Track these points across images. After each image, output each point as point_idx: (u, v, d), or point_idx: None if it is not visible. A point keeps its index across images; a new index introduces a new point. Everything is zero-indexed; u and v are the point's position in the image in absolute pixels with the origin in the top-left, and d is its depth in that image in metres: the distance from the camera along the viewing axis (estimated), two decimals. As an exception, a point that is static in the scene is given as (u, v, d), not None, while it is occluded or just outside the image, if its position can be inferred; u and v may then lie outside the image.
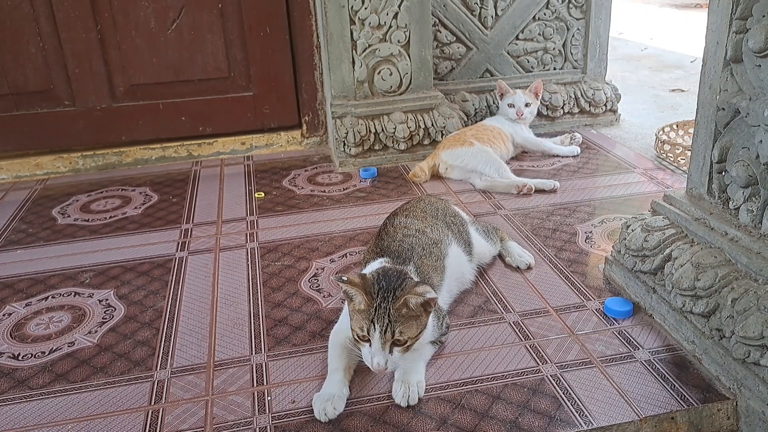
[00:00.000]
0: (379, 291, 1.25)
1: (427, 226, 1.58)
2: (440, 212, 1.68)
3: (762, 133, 1.20)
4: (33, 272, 1.85)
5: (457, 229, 1.66)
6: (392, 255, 1.47)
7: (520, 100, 2.58)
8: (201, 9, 2.54)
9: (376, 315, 1.23)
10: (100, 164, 2.65)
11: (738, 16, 1.24)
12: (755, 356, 1.16)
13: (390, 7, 2.40)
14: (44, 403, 1.32)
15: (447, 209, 1.72)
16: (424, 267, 1.46)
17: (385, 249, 1.51)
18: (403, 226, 1.57)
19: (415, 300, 1.23)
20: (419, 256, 1.47)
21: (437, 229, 1.60)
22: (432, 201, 1.73)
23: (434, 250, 1.52)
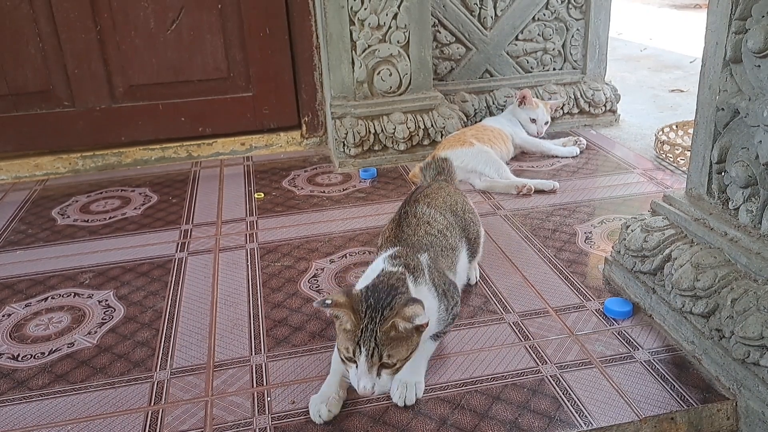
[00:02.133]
0: (367, 310, 1.18)
1: (447, 227, 1.52)
2: (459, 209, 1.61)
3: (761, 133, 1.20)
4: (32, 273, 1.85)
5: (470, 234, 1.61)
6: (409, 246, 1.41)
7: (544, 118, 2.61)
8: (200, 9, 2.54)
9: (362, 337, 1.16)
10: (99, 165, 2.65)
11: (737, 16, 1.24)
12: (755, 356, 1.16)
13: (389, 8, 2.40)
14: (44, 403, 1.32)
15: (466, 206, 1.65)
16: (438, 261, 1.41)
17: (403, 240, 1.44)
18: (425, 221, 1.49)
19: (404, 324, 1.16)
20: (434, 254, 1.42)
21: (455, 232, 1.54)
22: (453, 194, 1.65)
23: (449, 254, 1.48)
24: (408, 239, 1.42)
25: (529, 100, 2.58)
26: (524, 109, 2.59)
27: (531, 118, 2.59)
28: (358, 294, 1.21)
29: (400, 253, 1.34)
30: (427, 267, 1.35)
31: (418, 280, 1.30)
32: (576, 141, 2.61)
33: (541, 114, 2.59)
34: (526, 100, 2.58)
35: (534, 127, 2.59)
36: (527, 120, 2.59)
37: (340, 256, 1.85)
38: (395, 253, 1.34)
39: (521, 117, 2.59)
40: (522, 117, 2.59)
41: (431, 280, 1.33)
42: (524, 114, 2.59)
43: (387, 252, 1.37)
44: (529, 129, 2.59)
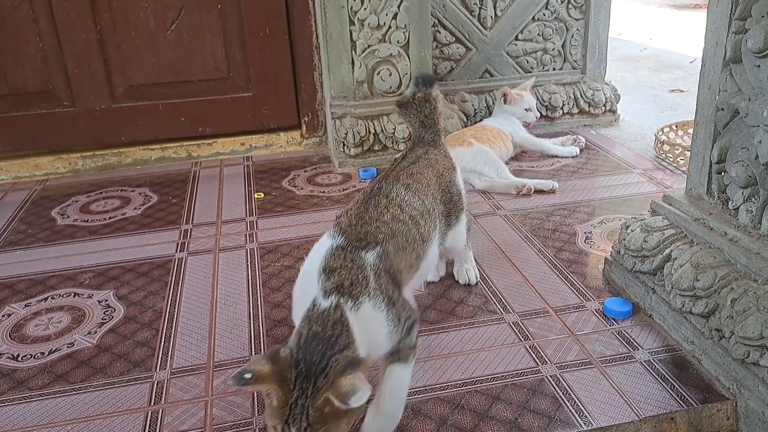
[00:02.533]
0: (297, 379, 0.96)
1: (423, 214, 1.31)
2: (445, 190, 1.45)
3: (761, 133, 1.20)
4: (32, 273, 1.85)
5: (449, 220, 1.46)
6: (364, 233, 1.18)
7: (533, 102, 2.62)
8: (200, 9, 2.54)
9: (291, 415, 0.95)
10: (99, 165, 2.65)
11: (737, 16, 1.24)
12: (755, 356, 1.16)
13: (389, 8, 2.40)
14: (44, 403, 1.32)
15: (453, 187, 1.49)
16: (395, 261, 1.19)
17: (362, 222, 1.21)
18: (397, 203, 1.27)
19: (339, 403, 0.93)
20: (395, 247, 1.20)
21: (432, 219, 1.34)
22: (441, 172, 1.47)
23: (417, 248, 1.27)
24: (368, 223, 1.20)
25: (511, 95, 2.59)
26: (513, 104, 2.60)
27: (525, 108, 2.60)
28: (286, 358, 0.99)
29: (338, 263, 1.11)
30: (374, 272, 1.12)
31: (360, 300, 1.07)
32: (575, 140, 2.61)
33: (529, 99, 2.62)
34: (508, 96, 2.59)
35: (532, 114, 2.61)
36: (523, 113, 2.60)
37: (340, 256, 1.85)
38: (331, 263, 1.11)
39: (516, 112, 2.60)
40: (517, 112, 2.59)
41: (375, 291, 1.10)
42: (517, 108, 2.59)
43: (331, 242, 1.16)
44: (527, 118, 2.60)
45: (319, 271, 1.11)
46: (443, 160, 1.52)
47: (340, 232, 1.19)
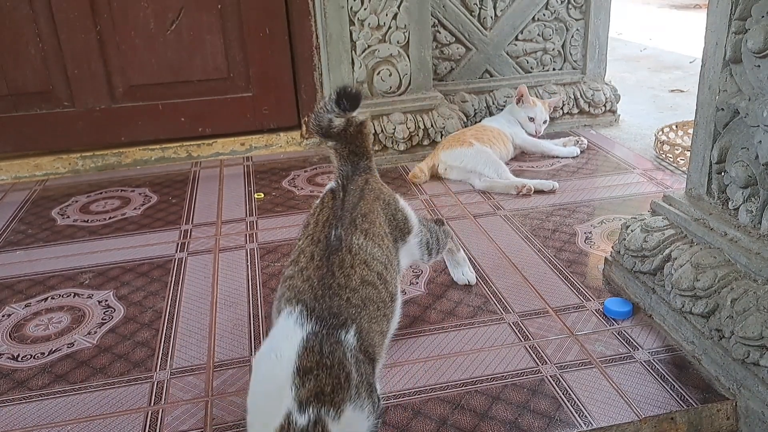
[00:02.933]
0: None
1: (387, 264, 1.16)
2: (392, 219, 1.32)
3: (761, 133, 1.20)
4: (32, 273, 1.85)
5: (398, 245, 1.32)
6: (336, 309, 1.01)
7: (542, 117, 2.57)
8: (200, 10, 2.54)
9: None
10: (99, 165, 2.65)
11: (737, 16, 1.24)
12: (755, 356, 1.16)
13: (389, 8, 2.40)
14: (44, 404, 1.32)
15: (399, 213, 1.35)
16: (369, 335, 1.03)
17: (331, 295, 1.03)
18: (362, 260, 1.11)
19: None
20: (368, 318, 1.04)
21: (393, 266, 1.20)
22: (386, 194, 1.35)
23: (387, 311, 1.11)
24: (337, 292, 1.03)
25: (527, 98, 2.56)
26: (522, 108, 2.58)
27: (529, 117, 2.57)
28: None
29: (313, 360, 0.92)
30: (354, 360, 0.96)
31: (342, 407, 0.91)
32: (577, 141, 2.61)
33: (539, 112, 2.57)
34: (524, 97, 2.56)
35: (532, 126, 2.57)
36: (525, 119, 2.57)
37: (340, 257, 1.85)
38: (305, 362, 0.92)
39: (519, 116, 2.58)
40: (520, 116, 2.58)
41: (358, 388, 0.94)
42: (522, 112, 2.57)
43: (301, 331, 0.96)
44: (527, 128, 2.57)
45: (291, 374, 0.90)
46: (383, 187, 1.36)
47: (306, 310, 0.99)
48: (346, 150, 1.33)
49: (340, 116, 1.28)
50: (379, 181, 1.37)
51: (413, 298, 1.63)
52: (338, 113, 1.28)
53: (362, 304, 1.04)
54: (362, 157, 1.35)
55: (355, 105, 1.27)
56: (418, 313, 1.56)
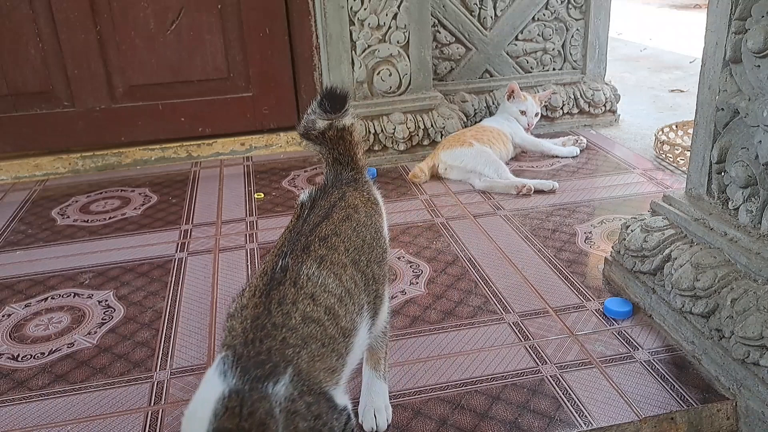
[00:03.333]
0: None
1: (344, 296, 1.00)
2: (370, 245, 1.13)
3: (761, 133, 1.20)
4: (32, 273, 1.85)
5: (379, 287, 1.13)
6: (261, 362, 0.85)
7: (533, 110, 2.59)
8: (200, 10, 2.54)
9: None
10: (99, 165, 2.65)
11: (737, 16, 1.24)
12: (755, 356, 1.16)
13: (389, 8, 2.40)
14: (44, 404, 1.32)
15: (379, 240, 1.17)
16: (312, 375, 0.90)
17: (264, 335, 0.89)
18: (309, 294, 0.96)
19: None
20: (309, 357, 0.90)
21: (356, 299, 1.03)
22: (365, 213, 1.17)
23: (338, 348, 0.97)
24: (270, 334, 0.89)
25: (517, 93, 2.57)
26: (513, 102, 2.59)
27: (520, 110, 2.58)
28: None
29: (233, 424, 0.79)
30: (287, 414, 0.83)
31: None
32: (576, 140, 2.61)
33: (530, 105, 2.59)
34: (514, 93, 2.58)
35: (525, 119, 2.58)
36: (517, 113, 2.58)
37: (340, 257, 1.85)
38: (221, 428, 0.79)
39: (511, 111, 2.59)
40: (512, 111, 2.59)
41: None
42: (513, 107, 2.59)
43: (221, 387, 0.83)
44: (520, 122, 2.59)
45: None
46: (365, 205, 1.19)
47: (232, 359, 0.86)
48: (331, 157, 1.22)
49: (323, 118, 1.18)
50: (361, 196, 1.20)
51: (413, 298, 1.63)
52: (320, 115, 1.18)
53: (302, 343, 0.90)
54: (347, 166, 1.22)
55: (338, 107, 1.16)
56: (418, 313, 1.56)
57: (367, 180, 1.26)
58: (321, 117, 1.18)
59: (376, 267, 1.12)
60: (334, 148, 1.22)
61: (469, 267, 1.76)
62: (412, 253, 1.84)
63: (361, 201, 1.18)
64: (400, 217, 2.08)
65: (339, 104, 1.17)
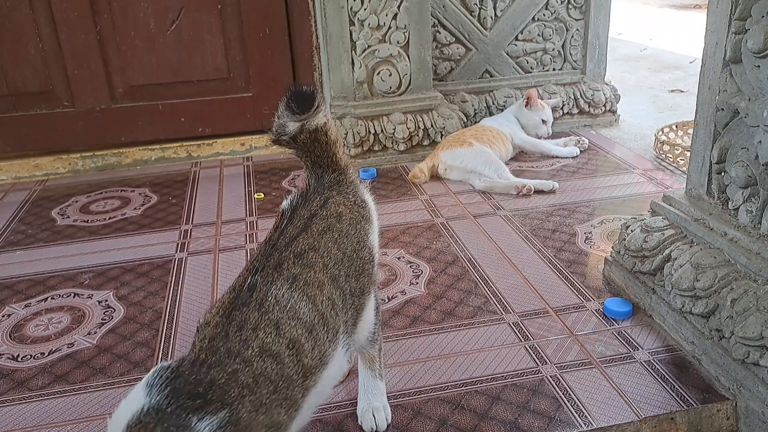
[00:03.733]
0: None
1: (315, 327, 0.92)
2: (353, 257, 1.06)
3: (761, 133, 1.20)
4: (32, 273, 1.85)
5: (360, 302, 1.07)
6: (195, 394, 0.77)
7: (551, 118, 2.61)
8: (200, 10, 2.54)
9: None
10: (99, 165, 2.65)
11: (737, 16, 1.24)
12: (755, 357, 1.16)
13: (389, 8, 2.40)
14: (44, 404, 1.32)
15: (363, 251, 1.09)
16: (251, 424, 0.80)
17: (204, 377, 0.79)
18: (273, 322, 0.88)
19: None
20: (253, 406, 0.80)
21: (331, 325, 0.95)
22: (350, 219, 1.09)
23: (294, 389, 0.87)
24: (219, 363, 0.82)
25: (535, 101, 2.57)
26: (532, 111, 2.58)
27: (542, 119, 2.58)
28: None
29: None
30: None
31: None
32: (578, 141, 2.61)
33: (549, 114, 2.60)
34: (532, 101, 2.57)
35: (544, 128, 2.59)
36: (537, 122, 2.58)
37: (340, 257, 1.85)
38: (141, 420, 0.74)
39: (530, 119, 2.58)
40: (531, 118, 2.58)
41: None
42: (534, 116, 2.58)
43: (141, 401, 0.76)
44: (538, 130, 2.59)
45: None
46: (351, 210, 1.11)
47: (168, 376, 0.78)
48: (309, 161, 1.15)
49: (293, 120, 1.10)
50: (346, 200, 1.12)
51: (413, 298, 1.63)
52: (290, 117, 1.10)
53: (251, 385, 0.80)
54: (327, 169, 1.15)
55: (307, 107, 1.08)
56: (418, 313, 1.56)
57: (352, 180, 1.18)
58: (291, 119, 1.10)
59: (360, 279, 1.05)
60: (311, 151, 1.14)
61: (469, 267, 1.76)
62: (412, 253, 1.84)
63: (345, 206, 1.10)
64: (400, 217, 2.08)
65: (307, 104, 1.08)
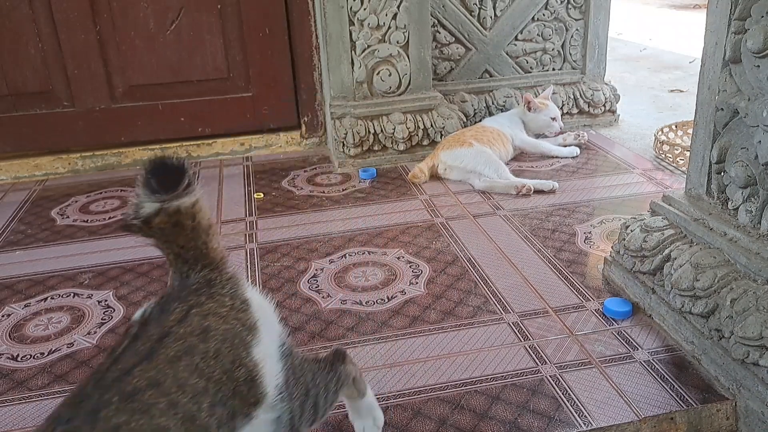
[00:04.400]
0: None
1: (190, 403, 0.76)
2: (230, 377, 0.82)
3: (761, 133, 1.20)
4: (32, 273, 1.85)
5: None
6: None
7: (557, 111, 2.60)
8: (200, 10, 2.54)
9: None
10: (99, 165, 2.65)
11: (737, 16, 1.24)
12: (754, 356, 1.16)
13: (389, 8, 2.40)
14: (43, 404, 1.32)
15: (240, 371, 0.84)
16: None
17: None
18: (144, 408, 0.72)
19: None
20: None
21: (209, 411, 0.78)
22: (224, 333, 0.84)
23: None
24: None
25: (535, 103, 2.57)
26: (538, 113, 2.58)
27: (551, 117, 2.58)
28: None
29: None
30: None
31: None
32: (577, 135, 2.62)
33: (555, 109, 2.60)
34: (532, 104, 2.56)
35: (555, 125, 2.59)
36: (547, 121, 2.57)
37: (340, 257, 1.85)
38: None
39: (538, 120, 2.57)
40: (539, 120, 2.57)
41: None
42: (541, 116, 2.57)
43: None
44: (551, 129, 2.59)
45: None
46: (225, 321, 0.85)
47: None
48: (171, 253, 0.89)
49: (152, 201, 0.84)
50: (219, 308, 0.86)
51: (413, 298, 1.63)
52: (148, 197, 0.84)
53: None
54: (195, 264, 0.89)
55: (171, 184, 0.83)
56: (418, 313, 1.56)
57: (231, 277, 0.92)
58: (150, 200, 0.84)
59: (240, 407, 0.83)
60: (172, 241, 0.87)
61: (469, 267, 1.76)
62: (412, 253, 1.85)
63: (216, 316, 0.84)
64: (399, 217, 2.09)
65: (173, 180, 0.83)
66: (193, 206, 0.87)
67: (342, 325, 1.53)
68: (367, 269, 1.77)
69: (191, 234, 0.88)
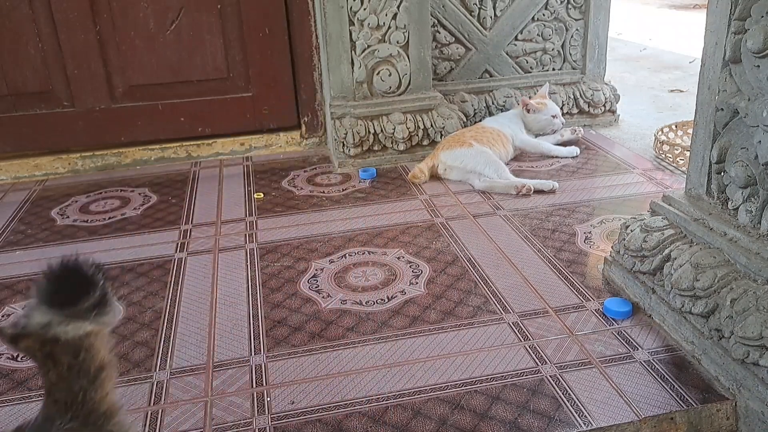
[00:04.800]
0: None
1: None
2: None
3: (761, 133, 1.20)
4: (32, 273, 1.85)
5: None
6: None
7: (556, 108, 2.62)
8: (200, 10, 2.54)
9: None
10: (99, 165, 2.65)
11: (737, 16, 1.24)
12: (754, 356, 1.16)
13: (389, 8, 2.40)
14: (43, 404, 1.32)
15: None
16: None
17: None
18: None
19: None
20: None
21: None
22: None
23: None
24: None
25: (532, 105, 2.57)
26: (537, 113, 2.58)
27: (552, 115, 2.60)
28: None
29: None
30: None
31: None
32: (573, 130, 2.64)
33: (553, 106, 2.62)
34: (530, 105, 2.57)
35: (557, 122, 2.61)
36: (548, 119, 2.59)
37: (340, 257, 1.85)
38: None
39: (539, 120, 2.58)
40: (540, 120, 2.58)
41: None
42: (541, 116, 2.58)
43: None
44: (554, 126, 2.61)
45: None
46: None
47: None
48: (45, 382, 0.69)
49: (42, 312, 0.67)
50: None
51: (413, 298, 1.63)
52: (39, 306, 0.68)
53: None
54: (64, 412, 0.69)
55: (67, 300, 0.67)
56: (418, 313, 1.57)
57: None
58: (39, 310, 0.67)
59: None
60: (43, 372, 0.69)
61: (469, 267, 1.76)
62: (412, 253, 1.85)
63: None
64: (399, 217, 2.09)
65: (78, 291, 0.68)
66: (82, 339, 0.66)
67: (342, 325, 1.53)
68: (367, 269, 1.77)
69: (66, 374, 0.67)
